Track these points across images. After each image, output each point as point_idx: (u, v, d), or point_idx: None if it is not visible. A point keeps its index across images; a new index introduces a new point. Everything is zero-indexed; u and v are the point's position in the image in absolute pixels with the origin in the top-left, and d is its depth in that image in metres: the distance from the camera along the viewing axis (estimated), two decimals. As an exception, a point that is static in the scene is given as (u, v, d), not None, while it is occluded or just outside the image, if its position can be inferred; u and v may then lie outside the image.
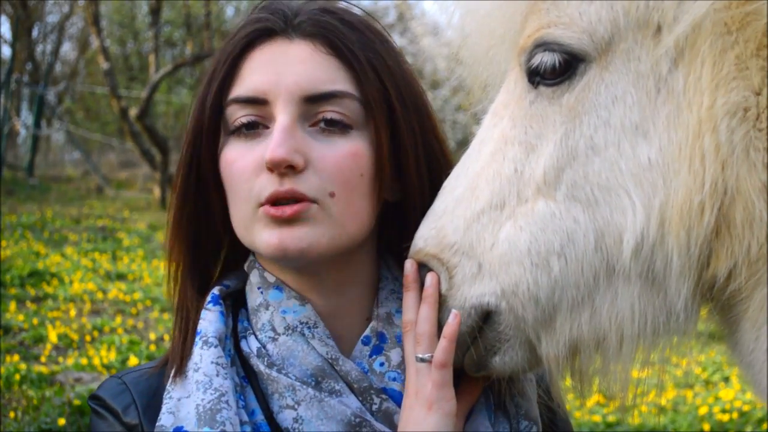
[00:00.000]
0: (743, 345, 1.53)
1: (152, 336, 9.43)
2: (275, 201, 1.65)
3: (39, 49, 32.71)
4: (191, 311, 1.79)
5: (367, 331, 1.75)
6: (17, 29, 28.98)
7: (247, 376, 1.72)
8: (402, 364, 1.71)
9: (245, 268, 1.82)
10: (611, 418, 7.90)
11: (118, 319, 10.08)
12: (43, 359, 8.43)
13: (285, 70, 1.70)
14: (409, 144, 1.76)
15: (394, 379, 1.72)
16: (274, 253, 1.67)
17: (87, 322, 9.80)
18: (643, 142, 1.53)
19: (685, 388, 9.23)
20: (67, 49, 36.57)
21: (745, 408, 8.17)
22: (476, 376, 1.72)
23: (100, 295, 11.19)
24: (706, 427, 7.90)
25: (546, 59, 1.58)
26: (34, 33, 31.52)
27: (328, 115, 1.70)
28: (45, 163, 27.66)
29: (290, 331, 1.71)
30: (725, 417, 8.06)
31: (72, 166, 28.26)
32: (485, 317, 1.65)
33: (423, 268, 1.72)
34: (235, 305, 1.83)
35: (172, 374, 1.72)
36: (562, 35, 1.58)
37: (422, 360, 1.65)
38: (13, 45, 28.73)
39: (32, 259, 12.61)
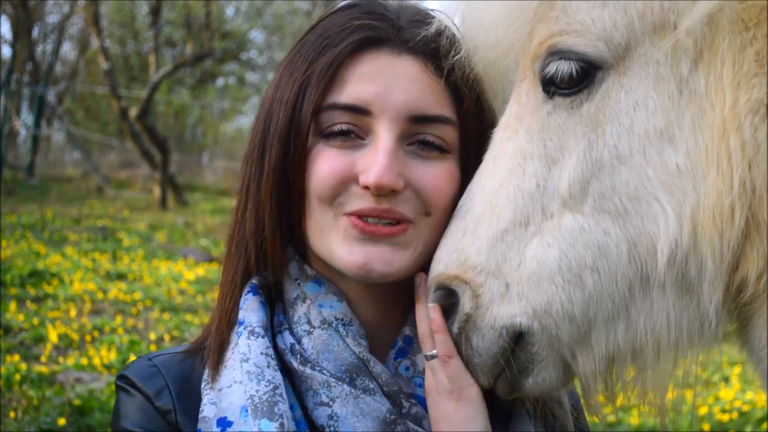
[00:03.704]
0: (755, 340, 1.53)
1: (152, 336, 9.43)
2: (366, 216, 1.62)
3: (39, 49, 32.71)
4: (238, 301, 1.75)
5: (397, 335, 1.74)
6: (18, 29, 28.97)
7: (283, 370, 1.69)
8: None
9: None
10: (611, 418, 7.90)
11: (118, 319, 10.07)
12: (43, 359, 8.42)
13: (393, 85, 1.66)
14: None
15: (421, 386, 1.70)
16: (356, 272, 1.63)
17: (87, 322, 9.79)
18: (669, 147, 1.50)
19: (685, 388, 9.23)
20: (68, 49, 36.60)
21: (745, 408, 8.17)
22: (508, 399, 1.69)
23: (100, 295, 11.18)
24: (706, 427, 7.90)
25: (562, 68, 1.55)
26: (35, 33, 31.51)
27: (429, 138, 1.68)
28: (45, 163, 27.62)
29: (326, 326, 1.69)
30: (725, 417, 8.05)
31: (72, 166, 28.23)
32: (517, 339, 1.60)
33: (442, 290, 1.66)
34: (271, 297, 1.79)
35: (212, 361, 1.69)
36: (576, 43, 1.53)
37: (431, 357, 1.64)
38: (13, 45, 28.74)
39: (32, 259, 12.59)
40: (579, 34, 1.54)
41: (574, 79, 1.54)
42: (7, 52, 30.48)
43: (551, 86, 1.57)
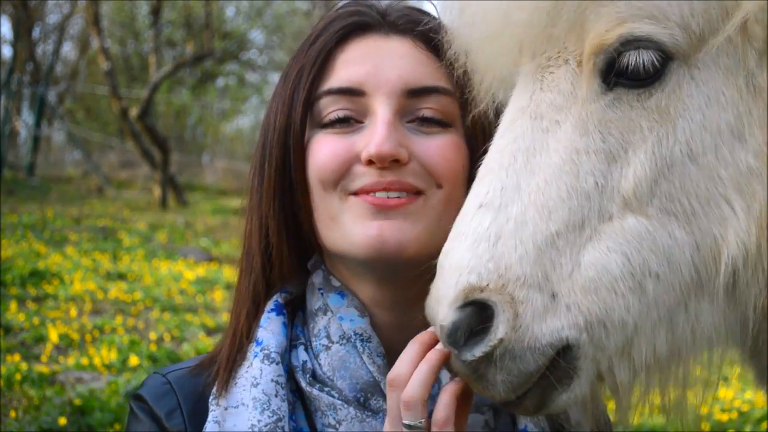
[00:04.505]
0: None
1: (152, 336, 9.42)
2: (373, 191, 1.59)
3: (40, 49, 32.66)
4: (251, 315, 1.72)
5: None
6: (18, 29, 28.97)
7: (297, 390, 1.66)
8: None
9: (309, 267, 1.75)
10: (611, 418, 7.89)
11: (119, 319, 10.06)
12: (43, 359, 8.42)
13: (385, 62, 1.64)
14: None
15: None
16: (371, 245, 1.58)
17: (87, 321, 9.79)
18: (739, 145, 1.41)
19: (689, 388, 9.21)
20: (68, 50, 36.52)
21: (745, 408, 8.17)
22: (531, 416, 1.60)
23: (100, 295, 11.18)
24: (706, 427, 7.90)
25: (644, 58, 1.41)
26: (35, 33, 31.48)
27: (428, 113, 1.64)
28: (46, 163, 27.61)
29: (344, 341, 1.64)
30: (725, 417, 8.05)
31: (72, 166, 28.22)
32: (559, 353, 1.43)
33: (473, 307, 1.41)
34: (294, 309, 1.76)
35: (219, 379, 1.66)
36: (654, 31, 1.40)
37: (414, 426, 1.44)
38: (14, 45, 28.75)
39: (33, 259, 12.59)
40: (655, 21, 1.40)
41: (650, 70, 1.42)
42: (7, 52, 30.52)
43: (610, 76, 1.44)
